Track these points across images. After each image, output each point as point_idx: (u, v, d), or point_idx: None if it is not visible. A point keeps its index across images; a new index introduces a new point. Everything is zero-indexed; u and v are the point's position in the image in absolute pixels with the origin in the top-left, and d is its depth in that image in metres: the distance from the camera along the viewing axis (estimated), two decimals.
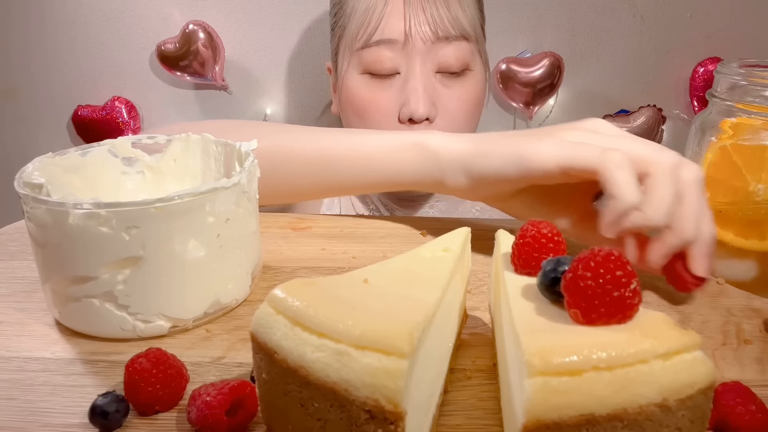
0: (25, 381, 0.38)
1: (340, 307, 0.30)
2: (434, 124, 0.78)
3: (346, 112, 0.84)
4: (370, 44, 0.77)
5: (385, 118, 0.78)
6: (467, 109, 0.80)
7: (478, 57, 0.81)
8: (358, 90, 0.80)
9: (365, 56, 0.78)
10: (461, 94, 0.79)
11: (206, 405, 0.32)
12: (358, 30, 0.78)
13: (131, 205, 0.39)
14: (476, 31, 0.79)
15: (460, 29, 0.76)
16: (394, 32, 0.75)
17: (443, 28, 0.75)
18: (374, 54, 0.77)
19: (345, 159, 0.57)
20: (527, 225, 0.35)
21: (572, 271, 0.28)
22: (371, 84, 0.79)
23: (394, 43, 0.76)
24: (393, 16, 0.75)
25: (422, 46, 0.76)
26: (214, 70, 1.16)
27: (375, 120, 0.79)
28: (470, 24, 0.78)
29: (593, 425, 0.25)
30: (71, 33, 1.18)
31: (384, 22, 0.76)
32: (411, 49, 0.76)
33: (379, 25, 0.76)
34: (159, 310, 0.42)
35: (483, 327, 0.44)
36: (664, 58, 1.17)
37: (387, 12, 0.76)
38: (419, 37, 0.75)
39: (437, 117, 0.78)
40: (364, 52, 0.77)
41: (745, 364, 0.40)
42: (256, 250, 0.49)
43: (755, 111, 0.52)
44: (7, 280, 0.51)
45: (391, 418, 0.26)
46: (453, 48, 0.77)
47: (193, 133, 0.54)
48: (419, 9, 0.75)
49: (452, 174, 0.53)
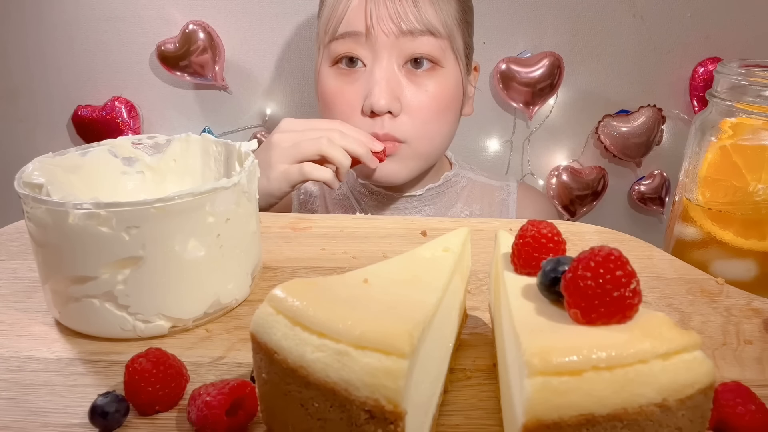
0: (26, 381, 0.38)
1: (340, 307, 0.29)
2: (398, 119, 0.77)
3: (320, 105, 0.85)
4: (336, 37, 0.78)
5: (351, 111, 0.79)
6: (435, 107, 0.79)
7: (451, 54, 0.80)
8: (327, 82, 0.81)
9: (333, 49, 0.79)
10: (429, 90, 0.78)
11: (206, 405, 0.32)
12: (327, 23, 0.79)
13: (131, 205, 0.39)
14: (448, 28, 0.78)
15: (425, 24, 0.76)
16: (357, 25, 0.76)
17: (407, 22, 0.75)
18: (340, 46, 0.78)
19: None
20: (527, 225, 0.35)
21: (572, 271, 0.28)
22: (339, 76, 0.80)
23: (358, 36, 0.77)
24: (356, 9, 0.76)
25: (386, 40, 0.76)
26: (214, 70, 1.16)
27: (341, 112, 0.79)
28: (441, 20, 0.77)
29: (593, 425, 0.25)
30: (71, 33, 1.18)
31: (348, 15, 0.77)
32: (374, 42, 0.76)
33: (344, 18, 0.77)
34: (159, 310, 0.42)
35: (483, 327, 0.44)
36: (664, 58, 1.17)
37: (351, 5, 0.77)
38: (381, 30, 0.76)
39: (402, 112, 0.78)
40: (332, 45, 0.79)
41: (745, 364, 0.40)
42: (256, 250, 0.49)
43: (755, 111, 0.52)
44: (7, 280, 0.51)
45: (391, 418, 0.26)
46: (419, 43, 0.76)
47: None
48: (381, 4, 0.75)
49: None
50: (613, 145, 1.19)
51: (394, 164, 0.79)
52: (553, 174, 1.23)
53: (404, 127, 0.78)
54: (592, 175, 1.21)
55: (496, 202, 0.92)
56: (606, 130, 1.19)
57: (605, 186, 1.22)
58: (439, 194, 0.89)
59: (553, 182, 1.22)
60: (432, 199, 0.89)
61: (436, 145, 0.82)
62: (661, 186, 1.22)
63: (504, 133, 1.23)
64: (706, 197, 0.56)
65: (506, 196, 0.93)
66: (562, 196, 1.22)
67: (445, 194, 0.90)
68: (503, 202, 0.92)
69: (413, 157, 0.80)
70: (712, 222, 0.56)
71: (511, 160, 1.24)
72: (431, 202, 0.89)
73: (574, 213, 1.24)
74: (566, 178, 1.22)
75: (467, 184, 0.92)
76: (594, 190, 1.22)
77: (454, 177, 0.91)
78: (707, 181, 0.56)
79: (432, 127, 0.80)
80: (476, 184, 0.93)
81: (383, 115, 0.77)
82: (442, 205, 0.89)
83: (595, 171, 1.22)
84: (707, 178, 0.56)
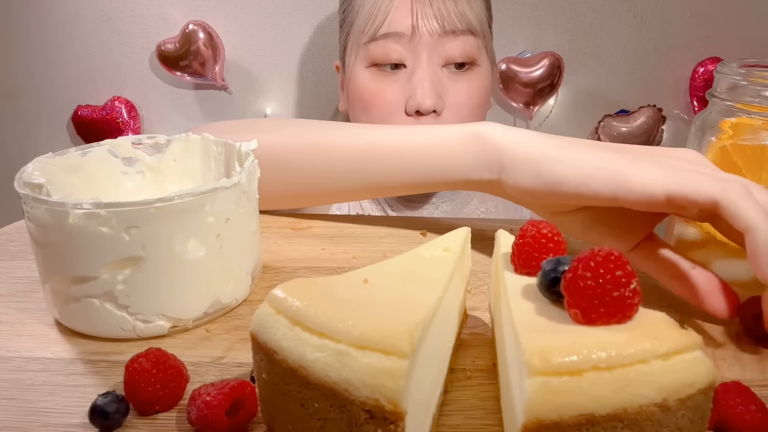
0: (26, 381, 0.38)
1: (340, 307, 0.29)
2: (441, 118, 0.78)
3: (354, 106, 0.84)
4: (377, 37, 0.77)
5: (392, 111, 0.79)
6: (474, 104, 0.80)
7: (485, 53, 0.82)
8: (365, 83, 0.80)
9: (372, 49, 0.78)
10: (468, 88, 0.79)
11: (206, 405, 0.32)
12: (366, 24, 0.79)
13: (131, 205, 0.39)
14: (483, 27, 0.80)
15: (466, 23, 0.77)
16: (401, 25, 0.76)
17: (450, 21, 0.76)
18: (381, 47, 0.78)
19: (391, 153, 0.53)
20: (527, 225, 0.35)
21: (572, 271, 0.28)
22: (377, 77, 0.80)
23: (401, 36, 0.77)
24: (400, 10, 0.76)
25: (429, 40, 0.76)
26: (214, 70, 1.16)
27: (381, 113, 0.79)
28: (477, 19, 0.78)
29: (593, 425, 0.25)
30: (71, 33, 1.18)
31: (391, 16, 0.77)
32: (418, 42, 0.76)
33: (386, 19, 0.77)
34: (159, 310, 0.42)
35: (483, 327, 0.44)
36: (664, 58, 1.17)
37: (394, 6, 0.77)
38: (426, 30, 0.76)
39: (444, 110, 0.78)
40: (371, 45, 0.78)
41: (745, 364, 0.40)
42: (256, 250, 0.49)
43: (755, 111, 0.52)
44: (7, 280, 0.51)
45: (391, 418, 0.26)
46: (459, 42, 0.77)
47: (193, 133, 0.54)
48: (426, 3, 0.76)
49: (516, 173, 0.48)
50: None
51: None
52: None
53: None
54: None
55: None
56: (606, 130, 1.19)
57: None
58: (455, 191, 0.89)
59: None
60: (449, 196, 0.89)
61: None
62: None
63: None
64: None
65: None
66: None
67: (461, 191, 0.90)
68: None
69: None
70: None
71: None
72: (448, 198, 0.89)
73: None
74: None
75: None
76: None
77: None
78: None
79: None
80: None
81: (428, 114, 0.77)
82: (458, 201, 0.89)
83: None
84: None
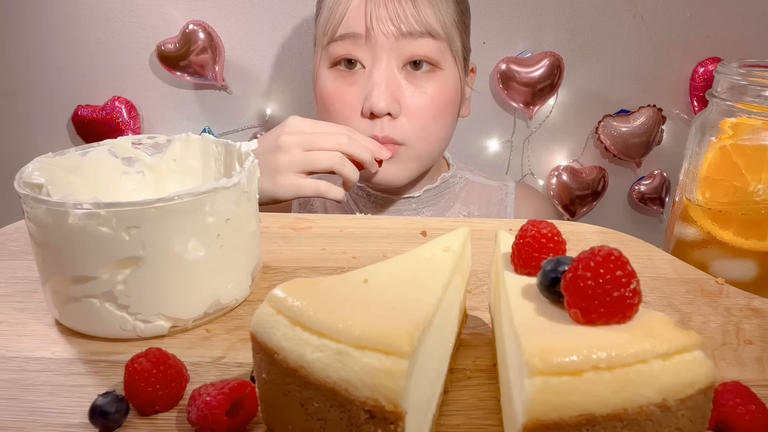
0: (26, 381, 0.38)
1: (340, 307, 0.29)
2: (397, 122, 0.77)
3: (318, 107, 0.85)
4: (336, 38, 0.78)
5: (350, 113, 0.78)
6: (434, 109, 0.79)
7: (450, 56, 0.80)
8: (326, 84, 0.81)
9: (332, 50, 0.79)
10: (428, 92, 0.79)
11: (206, 405, 0.32)
12: (326, 25, 0.79)
13: (131, 205, 0.39)
14: (447, 30, 0.78)
15: (425, 26, 0.76)
16: (357, 27, 0.76)
17: (407, 24, 0.75)
18: (339, 48, 0.78)
19: None
20: (527, 225, 0.35)
21: (572, 271, 0.28)
22: (338, 78, 0.80)
23: (357, 38, 0.77)
24: (356, 11, 0.76)
25: (385, 41, 0.76)
26: (214, 70, 1.16)
27: (340, 114, 0.79)
28: (440, 23, 0.77)
29: (593, 425, 0.25)
30: (71, 33, 1.18)
31: (347, 17, 0.77)
32: (374, 43, 0.76)
33: (343, 20, 0.77)
34: (159, 310, 0.42)
35: (483, 327, 0.44)
36: (664, 58, 1.17)
37: (351, 7, 0.77)
38: (381, 32, 0.76)
39: (401, 114, 0.78)
40: (331, 46, 0.79)
41: (745, 364, 0.40)
42: (256, 250, 0.49)
43: (755, 111, 0.52)
44: (7, 280, 0.51)
45: (391, 418, 0.26)
46: (418, 45, 0.76)
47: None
48: (381, 5, 0.75)
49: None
50: (613, 145, 1.19)
51: (393, 167, 0.79)
52: (553, 174, 1.23)
53: (403, 129, 0.78)
54: (592, 175, 1.21)
55: (494, 202, 0.92)
56: (606, 130, 1.19)
57: (605, 186, 1.23)
58: (436, 195, 0.89)
59: (553, 182, 1.23)
60: (430, 201, 0.89)
61: (434, 147, 0.82)
62: (661, 186, 1.22)
63: (504, 133, 1.23)
64: (706, 197, 0.56)
65: (504, 196, 0.93)
66: (562, 196, 1.22)
67: (443, 195, 0.90)
68: (501, 202, 0.92)
69: (412, 159, 0.80)
70: (712, 222, 0.56)
71: (511, 160, 1.24)
72: (429, 203, 0.89)
73: (574, 213, 1.24)
74: (566, 178, 1.22)
75: (465, 184, 0.92)
76: (594, 190, 1.22)
77: (452, 178, 0.91)
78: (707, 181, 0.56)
79: (431, 129, 0.80)
80: (474, 184, 0.93)
81: (383, 117, 0.77)
82: (440, 206, 0.89)
83: (595, 171, 1.22)
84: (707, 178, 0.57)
